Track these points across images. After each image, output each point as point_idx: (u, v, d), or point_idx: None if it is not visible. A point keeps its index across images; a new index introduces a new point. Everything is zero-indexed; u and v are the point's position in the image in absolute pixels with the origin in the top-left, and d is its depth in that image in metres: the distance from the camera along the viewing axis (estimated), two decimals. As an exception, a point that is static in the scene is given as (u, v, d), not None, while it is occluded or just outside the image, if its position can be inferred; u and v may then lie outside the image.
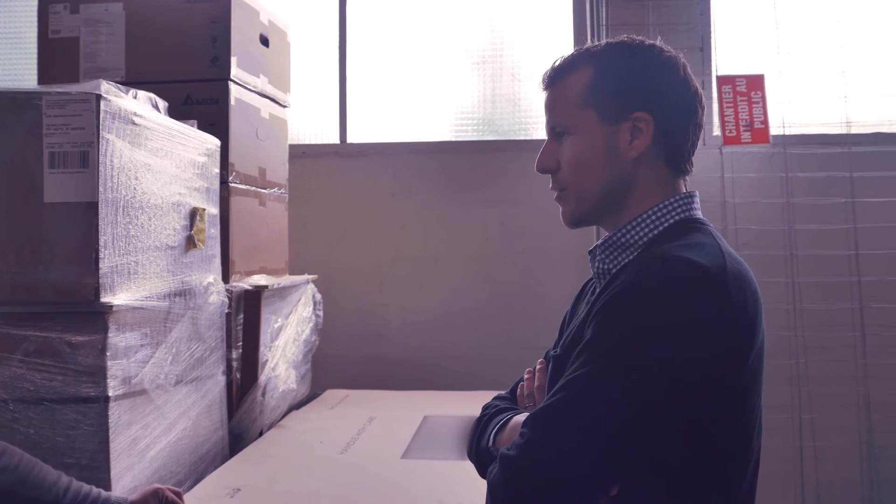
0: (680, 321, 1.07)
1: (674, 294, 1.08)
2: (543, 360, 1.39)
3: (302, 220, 3.32)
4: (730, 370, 1.10)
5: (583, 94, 1.25)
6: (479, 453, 1.33)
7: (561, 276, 3.31)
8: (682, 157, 1.27)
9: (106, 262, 1.69)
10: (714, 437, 1.12)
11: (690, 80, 1.27)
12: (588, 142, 1.25)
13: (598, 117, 1.24)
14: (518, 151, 3.39)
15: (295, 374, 2.65)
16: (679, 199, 1.25)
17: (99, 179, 1.67)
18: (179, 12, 2.49)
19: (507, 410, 1.36)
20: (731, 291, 1.10)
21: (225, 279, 2.34)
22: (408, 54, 3.53)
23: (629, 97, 1.24)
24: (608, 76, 1.25)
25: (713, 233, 1.22)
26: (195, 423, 2.08)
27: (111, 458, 1.68)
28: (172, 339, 1.95)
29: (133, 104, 1.83)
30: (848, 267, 3.10)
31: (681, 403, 1.06)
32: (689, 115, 1.26)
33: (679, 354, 1.06)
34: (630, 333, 1.08)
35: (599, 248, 1.28)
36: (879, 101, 3.20)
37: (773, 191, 3.15)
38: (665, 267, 1.11)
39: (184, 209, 2.03)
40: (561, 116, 1.29)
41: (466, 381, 3.15)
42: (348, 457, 2.15)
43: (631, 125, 1.23)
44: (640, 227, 1.24)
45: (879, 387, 3.04)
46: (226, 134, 2.42)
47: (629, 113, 1.23)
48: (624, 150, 1.23)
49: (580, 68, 1.27)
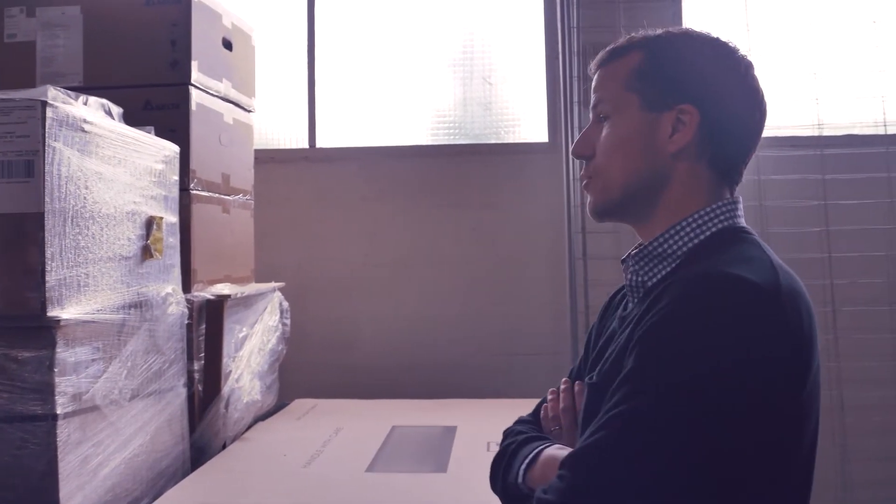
0: (732, 346, 0.96)
1: (724, 316, 0.98)
2: (567, 380, 1.31)
3: (270, 227, 3.27)
4: (789, 396, 1.00)
5: (628, 78, 1.18)
6: (506, 488, 1.22)
7: (534, 280, 3.29)
8: (729, 161, 1.18)
9: (53, 275, 1.63)
10: (775, 468, 1.00)
11: (751, 81, 1.19)
12: (626, 126, 1.18)
13: (640, 103, 1.17)
14: (490, 155, 3.35)
15: (260, 385, 2.59)
16: (722, 205, 1.15)
17: (45, 189, 1.61)
18: (138, 15, 2.43)
19: (534, 440, 1.24)
20: (787, 310, 1.00)
21: (186, 289, 2.28)
22: (378, 57, 3.49)
23: (676, 86, 1.16)
24: (657, 62, 1.17)
25: (761, 244, 1.11)
26: (153, 437, 2.02)
27: (60, 479, 1.62)
28: (127, 353, 1.89)
29: (83, 111, 1.77)
30: (821, 270, 3.08)
31: (738, 436, 0.95)
32: (744, 117, 1.18)
33: (733, 382, 0.95)
34: (677, 363, 0.97)
35: (633, 259, 1.19)
36: (851, 103, 3.19)
37: (747, 193, 3.09)
38: (713, 286, 1.00)
39: (139, 218, 1.97)
40: (603, 96, 1.21)
41: (439, 388, 3.11)
42: (312, 470, 2.10)
43: (674, 116, 1.15)
44: (678, 235, 1.14)
45: (852, 390, 3.03)
46: (187, 140, 2.36)
47: (674, 103, 1.15)
48: (663, 142, 1.15)
49: (631, 52, 1.20)
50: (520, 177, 3.27)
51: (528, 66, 3.43)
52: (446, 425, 2.50)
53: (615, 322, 1.23)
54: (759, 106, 1.19)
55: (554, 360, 3.21)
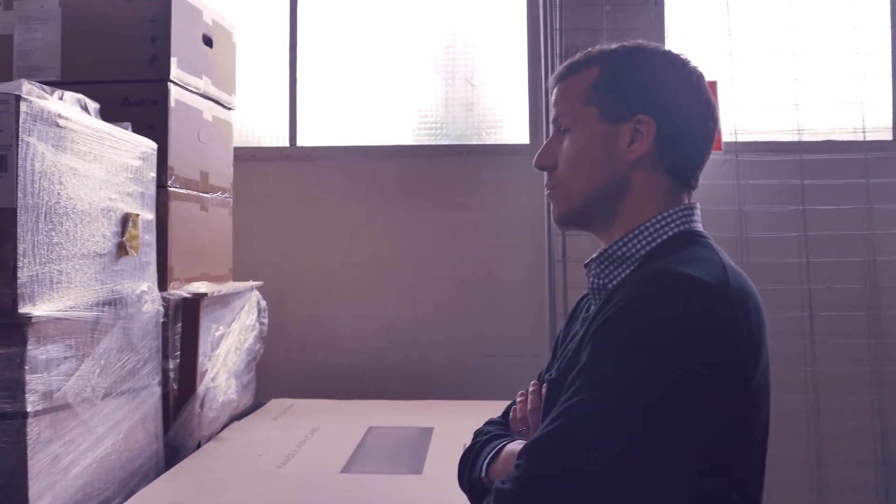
0: (681, 339, 1.00)
1: (673, 311, 1.02)
2: (536, 382, 1.33)
3: (250, 225, 3.25)
4: (738, 390, 1.04)
5: (587, 92, 1.23)
6: (471, 484, 1.27)
7: (513, 282, 3.29)
8: (686, 167, 1.23)
9: (25, 272, 1.61)
10: (722, 463, 1.05)
11: (703, 91, 1.24)
12: (586, 138, 1.23)
13: (599, 115, 1.22)
14: (471, 156, 3.35)
15: (236, 384, 2.58)
16: (678, 210, 1.20)
17: (18, 184, 1.59)
18: (118, 10, 2.40)
19: (499, 437, 1.29)
20: (734, 307, 1.04)
21: (163, 287, 2.26)
22: (361, 56, 3.48)
23: (633, 98, 1.21)
24: (614, 76, 1.23)
25: (714, 246, 1.17)
26: (126, 436, 2.00)
27: (29, 477, 1.60)
28: (101, 351, 1.87)
29: (58, 106, 1.75)
30: (799, 275, 3.10)
31: (688, 427, 0.99)
32: (698, 125, 1.23)
33: (681, 375, 0.99)
34: (629, 355, 1.02)
35: (594, 262, 1.24)
36: (830, 109, 3.21)
37: (726, 198, 3.14)
38: (663, 283, 1.06)
39: (115, 215, 1.96)
40: (563, 110, 1.26)
41: (417, 389, 3.11)
42: (286, 470, 2.08)
43: (632, 127, 1.20)
44: (637, 239, 1.19)
45: (828, 394, 3.05)
46: (165, 137, 2.34)
47: (631, 114, 1.20)
48: (622, 152, 1.20)
49: (589, 67, 1.25)
50: (501, 178, 3.27)
51: (510, 68, 3.43)
52: (423, 426, 2.49)
53: (578, 324, 1.26)
54: (712, 114, 1.24)
55: (533, 361, 3.20)
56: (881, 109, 3.29)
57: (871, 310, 3.12)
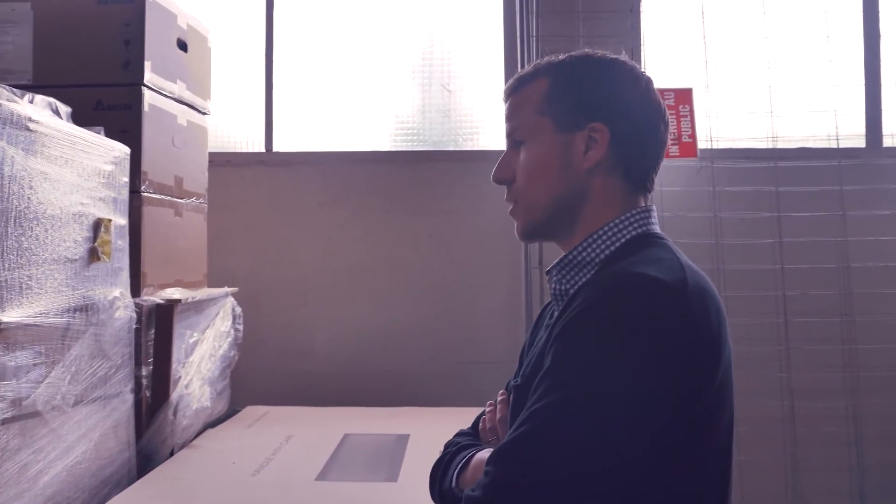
0: (642, 339, 1.01)
1: (633, 312, 1.03)
2: (504, 392, 1.34)
3: (225, 230, 3.23)
4: (700, 388, 1.04)
5: (539, 103, 1.25)
6: (442, 495, 1.27)
7: (490, 288, 3.28)
8: (641, 171, 1.25)
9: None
10: (687, 461, 1.06)
11: (652, 95, 1.26)
12: (542, 149, 1.24)
13: (553, 126, 1.23)
14: (448, 162, 3.35)
15: (210, 391, 2.55)
16: (635, 213, 1.22)
17: (-14, 189, 1.57)
18: (91, 14, 2.38)
19: (469, 447, 1.29)
20: (693, 305, 1.05)
21: (136, 293, 2.24)
22: (337, 62, 3.47)
23: (585, 107, 1.22)
24: (565, 86, 1.24)
25: (672, 247, 1.18)
26: (98, 444, 1.97)
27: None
28: (72, 358, 1.85)
29: (29, 109, 1.72)
30: (774, 281, 3.11)
31: (652, 426, 1.00)
32: (650, 130, 1.24)
33: (643, 373, 1.00)
34: (590, 357, 1.02)
35: (555, 268, 1.25)
36: (804, 116, 3.23)
37: (701, 205, 3.16)
38: (622, 284, 1.07)
39: (87, 220, 1.93)
40: (518, 124, 1.28)
41: (393, 396, 3.10)
42: (260, 478, 2.06)
43: (586, 135, 1.21)
44: (596, 244, 1.21)
45: (803, 400, 3.06)
46: (138, 141, 2.32)
47: (585, 123, 1.21)
48: (578, 161, 1.21)
49: (539, 78, 1.27)
50: (477, 184, 3.26)
51: (487, 75, 3.43)
52: (399, 433, 2.48)
53: (542, 330, 1.28)
54: (662, 117, 1.26)
55: (509, 368, 3.17)
56: (854, 117, 3.33)
57: (844, 316, 3.14)
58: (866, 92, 3.34)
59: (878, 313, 3.14)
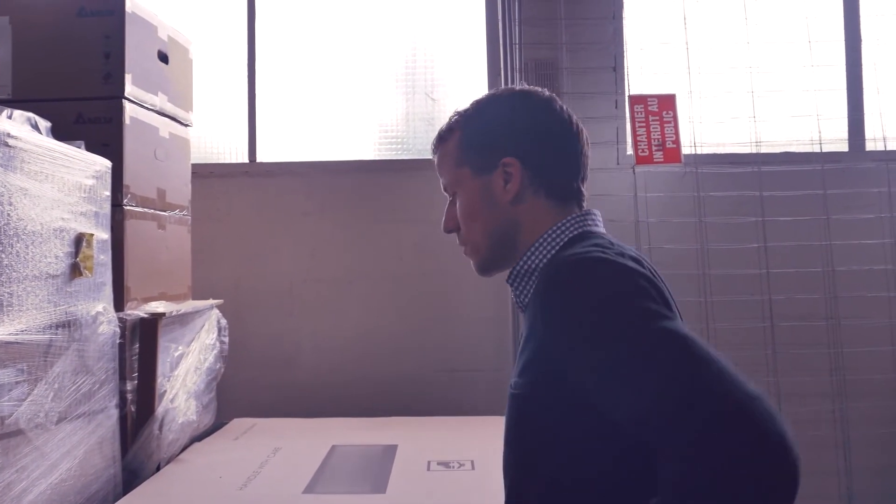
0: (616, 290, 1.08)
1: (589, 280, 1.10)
2: None
3: (210, 242, 3.22)
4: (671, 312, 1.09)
5: (456, 156, 1.39)
6: None
7: (476, 296, 3.27)
8: (564, 186, 1.36)
9: (-27, 295, 1.57)
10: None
11: (560, 113, 1.37)
12: (468, 196, 1.38)
13: (471, 172, 1.37)
14: (433, 171, 3.30)
15: (196, 405, 2.53)
16: (570, 220, 1.33)
17: (-35, 206, 1.55)
18: (70, 27, 2.36)
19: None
20: (631, 264, 1.12)
21: (119, 307, 2.22)
22: (320, 71, 3.46)
23: (493, 147, 1.35)
24: (473, 134, 1.39)
25: (609, 238, 1.26)
26: (83, 461, 1.95)
27: (-21, 507, 1.56)
28: (55, 374, 1.83)
29: (7, 125, 1.71)
30: (759, 286, 3.12)
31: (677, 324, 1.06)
32: (560, 145, 1.36)
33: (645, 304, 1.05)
34: (589, 332, 1.07)
35: (509, 282, 1.36)
36: (787, 121, 3.24)
37: (686, 210, 3.16)
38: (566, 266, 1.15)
39: (68, 235, 1.91)
40: (445, 177, 1.43)
41: (380, 405, 3.08)
42: (248, 492, 2.05)
43: (501, 171, 1.34)
44: (537, 252, 1.31)
45: (790, 404, 3.06)
46: (120, 154, 2.30)
47: (497, 160, 1.34)
48: (500, 196, 1.34)
49: (453, 134, 1.41)
50: (462, 192, 3.25)
51: (470, 83, 3.43)
52: (387, 444, 2.46)
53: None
54: (572, 129, 1.38)
55: (496, 376, 3.20)
56: (837, 121, 3.34)
57: (830, 320, 3.15)
58: (848, 96, 3.36)
59: (863, 317, 3.15)
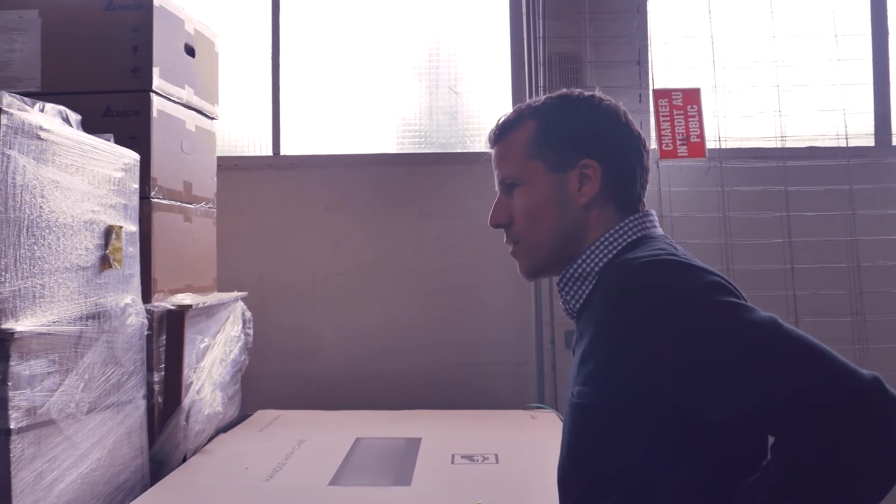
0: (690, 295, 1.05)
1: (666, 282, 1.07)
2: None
3: (234, 234, 3.23)
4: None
5: (528, 147, 1.29)
6: None
7: (498, 290, 3.28)
8: (633, 198, 1.29)
9: (7, 286, 1.58)
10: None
11: (632, 126, 1.30)
12: (538, 192, 1.28)
13: (544, 168, 1.27)
14: (456, 164, 3.34)
15: (221, 396, 2.55)
16: (630, 220, 1.25)
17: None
18: (99, 21, 2.38)
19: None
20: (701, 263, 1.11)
21: (146, 299, 2.24)
22: (344, 65, 3.47)
23: (574, 146, 1.27)
24: (551, 127, 1.29)
25: (671, 242, 1.21)
26: (111, 451, 1.97)
27: (13, 495, 1.57)
28: (85, 365, 1.85)
29: (39, 118, 1.73)
30: (783, 281, 3.10)
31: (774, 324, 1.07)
32: (636, 159, 1.29)
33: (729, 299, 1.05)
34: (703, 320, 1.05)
35: (560, 286, 1.28)
36: (813, 115, 3.22)
37: (710, 205, 3.15)
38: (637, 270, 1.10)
39: (98, 227, 1.93)
40: (509, 169, 1.31)
41: (403, 398, 3.09)
42: (274, 484, 2.06)
43: (579, 172, 1.26)
44: (594, 254, 1.24)
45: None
46: (147, 147, 2.32)
47: (576, 161, 1.26)
48: (574, 197, 1.26)
49: (523, 123, 1.31)
50: (485, 186, 3.23)
51: (494, 76, 3.43)
52: (410, 437, 2.47)
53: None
54: (644, 145, 1.31)
55: (518, 369, 3.21)
56: (863, 116, 3.32)
57: (855, 315, 3.13)
58: (875, 90, 3.34)
59: (889, 313, 3.13)
